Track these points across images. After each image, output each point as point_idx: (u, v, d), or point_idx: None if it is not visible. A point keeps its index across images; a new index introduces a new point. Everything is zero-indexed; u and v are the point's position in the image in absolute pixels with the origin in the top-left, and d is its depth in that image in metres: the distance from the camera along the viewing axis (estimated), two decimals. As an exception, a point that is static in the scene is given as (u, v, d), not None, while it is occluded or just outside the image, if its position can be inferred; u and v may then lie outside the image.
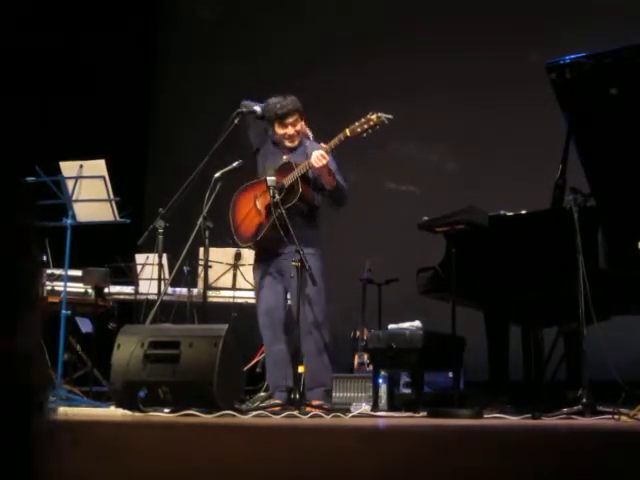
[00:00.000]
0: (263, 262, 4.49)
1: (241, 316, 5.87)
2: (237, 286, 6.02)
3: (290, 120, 4.47)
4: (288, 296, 4.60)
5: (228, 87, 7.43)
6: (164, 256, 5.15)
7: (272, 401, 4.23)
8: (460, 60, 7.22)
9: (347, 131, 4.27)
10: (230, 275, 6.01)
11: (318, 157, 4.25)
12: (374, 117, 4.24)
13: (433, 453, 2.30)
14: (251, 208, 4.53)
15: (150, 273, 5.83)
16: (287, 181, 4.34)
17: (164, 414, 3.48)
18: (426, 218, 4.39)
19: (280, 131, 4.50)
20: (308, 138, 4.58)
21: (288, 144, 4.52)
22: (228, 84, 7.63)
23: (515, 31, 7.10)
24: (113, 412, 3.76)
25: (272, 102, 4.51)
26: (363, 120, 4.27)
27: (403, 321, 5.36)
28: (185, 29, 8.77)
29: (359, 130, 4.26)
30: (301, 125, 4.52)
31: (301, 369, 4.06)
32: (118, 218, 5.08)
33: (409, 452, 2.30)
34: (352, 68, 7.60)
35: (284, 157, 4.51)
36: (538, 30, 6.93)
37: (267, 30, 8.12)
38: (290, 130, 4.48)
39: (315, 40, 7.93)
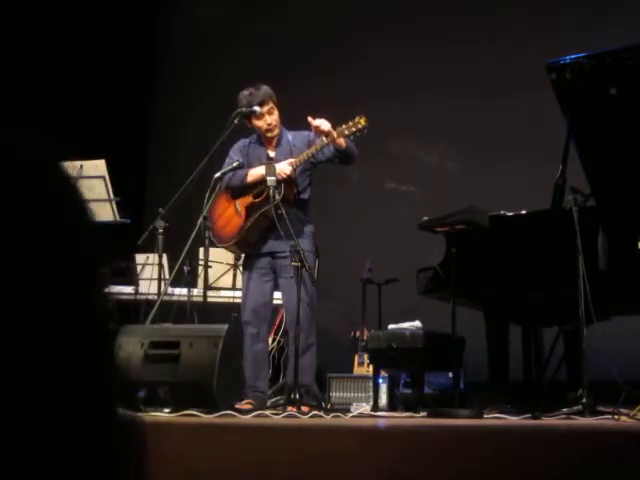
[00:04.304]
0: (254, 260, 4.47)
1: (240, 316, 5.87)
2: (237, 286, 6.01)
3: (265, 109, 4.43)
4: (275, 295, 4.60)
5: (228, 87, 7.42)
6: (164, 256, 5.15)
7: (245, 400, 4.20)
8: (460, 60, 7.22)
9: (334, 134, 4.26)
10: (230, 275, 6.01)
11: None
12: (362, 120, 4.24)
13: (433, 453, 2.30)
14: (227, 208, 4.51)
15: (150, 273, 5.83)
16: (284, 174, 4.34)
17: (164, 414, 3.48)
18: (426, 218, 4.39)
19: (258, 123, 4.46)
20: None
21: (268, 135, 4.48)
22: (228, 84, 7.62)
23: (515, 31, 7.10)
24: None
25: (243, 94, 4.47)
26: (351, 123, 4.26)
27: (403, 321, 5.36)
28: (184, 29, 8.77)
29: (346, 132, 4.26)
30: (277, 114, 4.47)
31: None
32: (118, 218, 5.08)
33: (409, 452, 2.30)
34: (352, 67, 7.59)
35: (269, 152, 4.51)
36: (538, 30, 6.93)
37: (267, 29, 8.12)
38: (267, 119, 4.44)
39: (315, 39, 7.93)
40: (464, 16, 7.39)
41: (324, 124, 4.23)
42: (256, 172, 4.40)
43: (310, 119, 4.26)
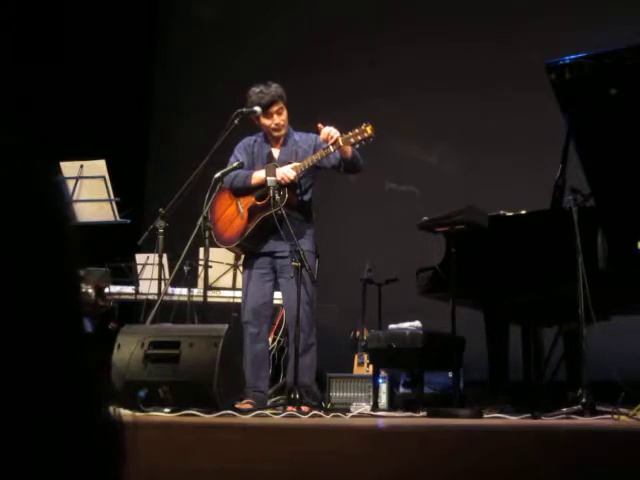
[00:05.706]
0: (254, 260, 4.47)
1: (241, 316, 5.87)
2: (237, 286, 6.02)
3: (275, 108, 4.41)
4: (275, 295, 4.61)
5: (228, 87, 7.43)
6: (164, 256, 5.15)
7: (245, 400, 4.20)
8: (460, 60, 7.22)
9: (340, 141, 4.25)
10: (230, 275, 6.01)
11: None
12: (368, 128, 4.22)
13: (433, 453, 2.30)
14: (229, 207, 4.51)
15: (150, 273, 5.84)
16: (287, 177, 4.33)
17: (164, 414, 3.48)
18: (426, 218, 4.39)
19: (266, 122, 4.44)
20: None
21: (275, 134, 4.47)
22: (228, 84, 7.62)
23: (515, 31, 7.10)
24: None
25: (254, 91, 4.42)
26: (357, 130, 4.24)
27: (403, 321, 5.36)
28: (184, 29, 8.77)
29: (352, 140, 4.25)
30: (285, 114, 4.45)
31: None
32: (118, 218, 5.08)
33: (409, 452, 2.30)
34: (352, 67, 7.59)
35: (274, 151, 4.50)
36: (538, 30, 6.93)
37: (267, 28, 8.12)
38: (276, 119, 4.42)
39: (315, 38, 7.93)
40: (464, 16, 7.39)
41: (333, 131, 4.23)
42: (260, 175, 4.40)
43: (320, 125, 4.26)
